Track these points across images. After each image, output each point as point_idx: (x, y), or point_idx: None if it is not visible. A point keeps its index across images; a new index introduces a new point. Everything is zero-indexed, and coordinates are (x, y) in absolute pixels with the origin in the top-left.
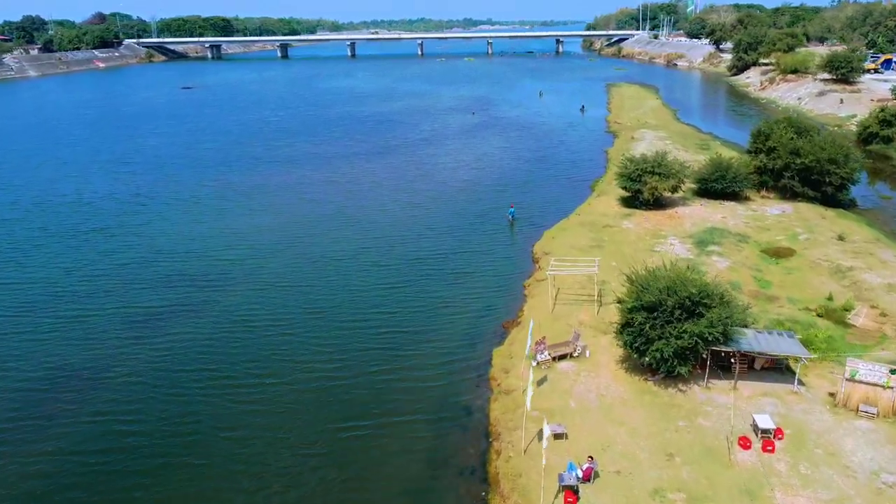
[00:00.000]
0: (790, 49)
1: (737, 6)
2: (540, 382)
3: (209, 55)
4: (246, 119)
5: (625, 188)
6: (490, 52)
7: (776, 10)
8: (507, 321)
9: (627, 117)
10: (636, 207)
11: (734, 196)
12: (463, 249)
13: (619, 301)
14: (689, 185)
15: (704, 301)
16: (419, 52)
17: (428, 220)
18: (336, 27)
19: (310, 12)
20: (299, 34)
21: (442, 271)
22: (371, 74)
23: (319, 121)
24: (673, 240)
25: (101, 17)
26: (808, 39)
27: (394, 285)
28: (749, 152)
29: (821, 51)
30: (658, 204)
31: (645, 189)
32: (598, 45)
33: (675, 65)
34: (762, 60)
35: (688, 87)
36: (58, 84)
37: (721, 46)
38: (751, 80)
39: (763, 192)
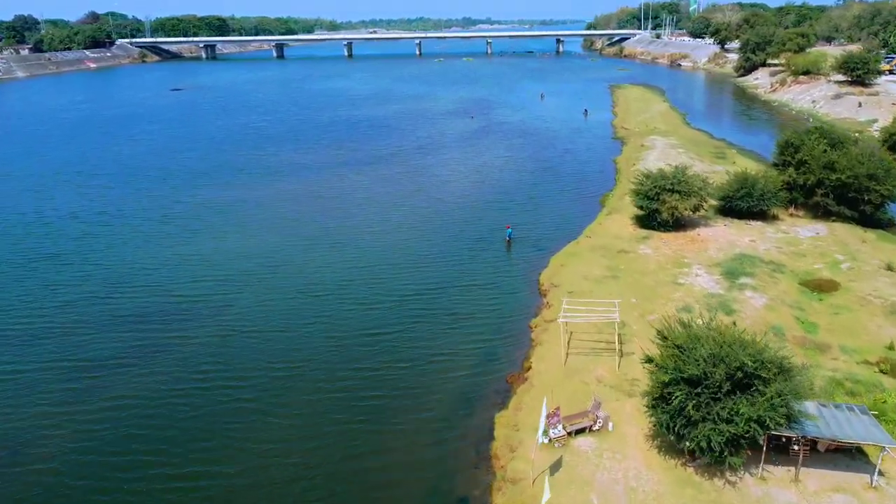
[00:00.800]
0: (801, 49)
1: (741, 5)
2: (553, 469)
3: (203, 55)
4: (232, 124)
5: (640, 207)
6: (489, 51)
7: (780, 9)
8: (512, 374)
9: (634, 122)
10: (653, 228)
11: (761, 215)
12: (460, 282)
13: (649, 360)
14: (710, 201)
15: (760, 373)
16: (417, 52)
17: (422, 244)
18: (334, 26)
19: (308, 11)
20: (296, 34)
21: (435, 312)
22: (367, 75)
23: (309, 126)
24: (698, 269)
25: (94, 17)
26: (816, 39)
27: (379, 331)
28: (775, 165)
29: (829, 50)
30: (677, 224)
31: (663, 209)
32: (599, 45)
33: (679, 65)
34: (770, 61)
35: (694, 88)
36: (45, 85)
37: (726, 46)
38: (759, 81)
39: (791, 210)
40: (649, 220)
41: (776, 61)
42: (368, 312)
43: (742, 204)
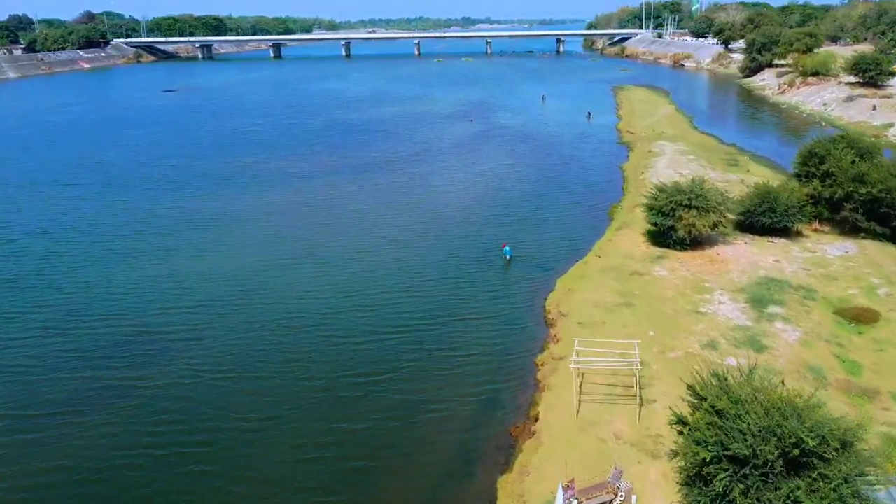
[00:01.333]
0: (809, 50)
1: (745, 4)
2: None
3: (199, 55)
4: (221, 128)
5: (654, 224)
6: (489, 51)
7: (784, 8)
8: (516, 426)
9: (640, 125)
10: (668, 247)
11: (784, 231)
12: (457, 311)
13: (680, 421)
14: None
15: (821, 451)
16: (416, 52)
17: (415, 266)
18: (333, 26)
19: (307, 11)
20: (294, 33)
21: (430, 350)
22: (365, 76)
23: (302, 131)
24: (721, 296)
25: (89, 17)
26: (823, 39)
27: (366, 375)
28: (797, 177)
29: (836, 50)
30: (695, 242)
31: (680, 226)
32: (599, 45)
33: (683, 65)
34: (777, 61)
35: (699, 90)
36: (35, 86)
37: (730, 46)
38: (766, 82)
39: (816, 226)
40: (664, 238)
41: (783, 62)
42: (354, 350)
43: (764, 220)
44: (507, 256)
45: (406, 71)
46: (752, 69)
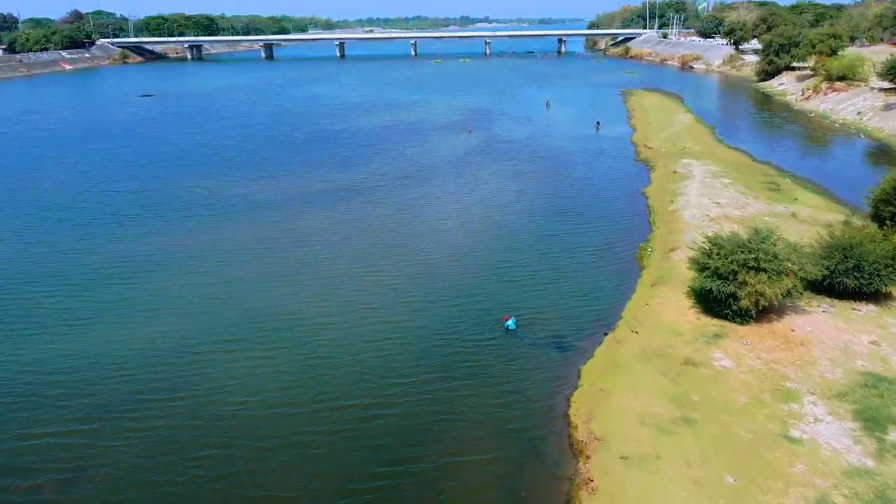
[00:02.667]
0: (833, 52)
1: (756, 3)
2: None
3: (188, 56)
4: (189, 142)
5: (707, 288)
6: (488, 52)
7: (794, 7)
8: None
9: (658, 138)
10: (725, 317)
11: (871, 295)
12: (447, 433)
13: None
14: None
15: None
16: (412, 53)
17: (391, 350)
18: (329, 25)
19: (304, 10)
20: (289, 33)
21: None
22: (357, 79)
23: (279, 145)
24: (814, 406)
25: (77, 16)
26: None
27: None
28: (878, 219)
29: (857, 52)
30: (758, 309)
31: (743, 294)
32: (602, 45)
33: (692, 67)
34: (795, 64)
35: (714, 95)
36: (6, 90)
37: (741, 47)
38: (786, 87)
39: None
40: (717, 305)
41: (802, 64)
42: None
43: (848, 281)
44: (510, 329)
45: (401, 73)
46: (768, 72)
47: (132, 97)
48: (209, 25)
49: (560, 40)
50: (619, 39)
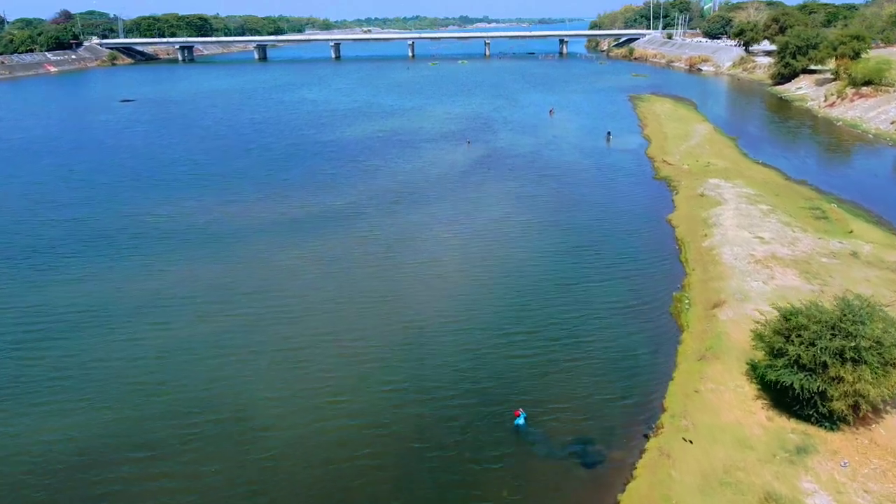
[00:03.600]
0: (856, 54)
1: (767, 3)
2: None
3: (179, 57)
4: (156, 157)
5: (782, 380)
6: (487, 53)
7: (803, 6)
8: None
9: (677, 152)
10: (806, 418)
11: None
12: None
13: None
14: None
15: None
16: (410, 54)
17: (365, 475)
18: (327, 25)
19: (301, 10)
20: (285, 33)
21: None
22: (351, 82)
23: (257, 160)
24: None
25: (67, 16)
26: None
27: None
28: None
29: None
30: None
31: (836, 393)
32: (605, 46)
33: (700, 70)
34: (813, 67)
35: (728, 100)
36: None
37: (751, 49)
38: (805, 91)
39: None
40: (796, 401)
41: (820, 67)
42: None
43: None
44: (520, 428)
45: (397, 76)
46: (784, 76)
47: (111, 103)
48: (202, 26)
49: (562, 41)
50: (622, 40)
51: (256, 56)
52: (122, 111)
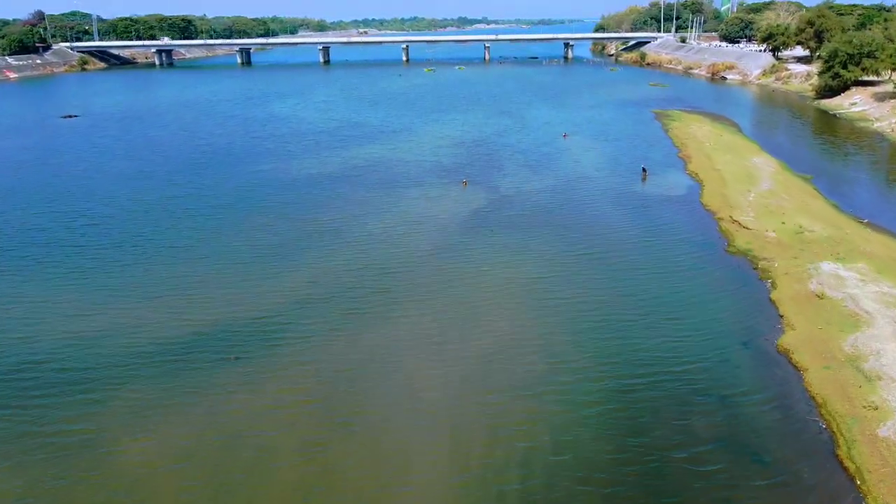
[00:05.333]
0: None
1: (796, 3)
2: None
3: (157, 62)
4: (48, 209)
5: None
6: (487, 57)
7: (829, 7)
8: None
9: (747, 204)
10: None
11: None
12: None
13: None
14: None
15: None
16: (404, 59)
17: None
18: (321, 27)
19: (296, 10)
20: (276, 35)
21: None
22: (335, 93)
23: (179, 214)
24: None
25: (40, 17)
26: None
27: None
28: None
29: None
30: None
31: None
32: (612, 50)
33: (724, 78)
34: (864, 78)
35: (772, 118)
36: None
37: (780, 55)
38: (864, 108)
39: None
40: None
41: (874, 78)
42: None
43: None
44: None
45: (387, 85)
46: (833, 88)
47: (51, 119)
48: (186, 28)
49: (566, 44)
50: (630, 44)
51: (239, 60)
52: (53, 131)
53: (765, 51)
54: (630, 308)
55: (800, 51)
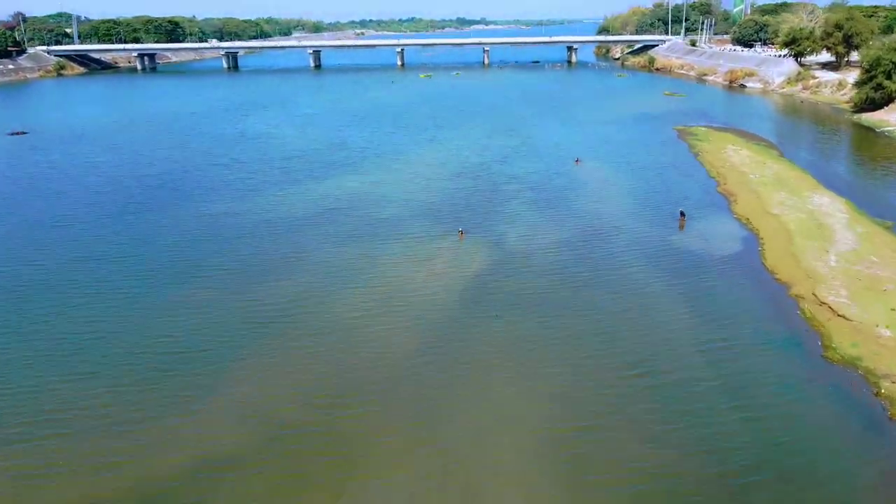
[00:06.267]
0: None
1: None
2: None
3: (138, 66)
4: None
5: None
6: (486, 61)
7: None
8: None
9: (826, 270)
10: None
11: None
12: None
13: None
14: None
15: None
16: (398, 63)
17: None
18: (317, 28)
19: (292, 11)
20: (269, 37)
21: None
22: (321, 103)
23: (105, 271)
24: None
25: (19, 19)
26: None
27: None
28: None
29: None
30: None
31: None
32: (617, 53)
33: (744, 86)
34: None
35: (811, 137)
36: None
37: (802, 61)
38: None
39: None
40: None
41: None
42: None
43: None
44: None
45: (378, 94)
46: (874, 101)
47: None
48: (173, 30)
49: (570, 48)
50: (636, 47)
51: (225, 65)
52: None
53: (786, 56)
54: (711, 487)
55: (824, 55)
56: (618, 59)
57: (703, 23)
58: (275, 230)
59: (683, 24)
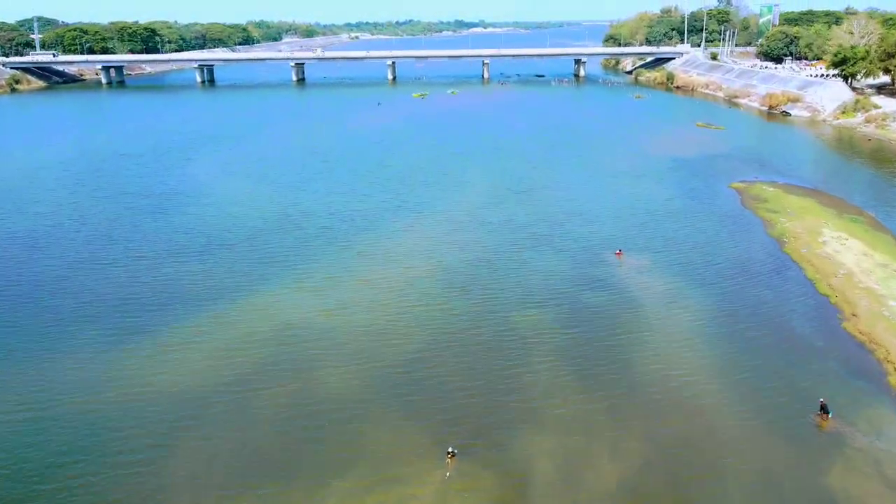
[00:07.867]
0: None
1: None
2: None
3: (104, 80)
4: None
5: None
6: (486, 76)
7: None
8: None
9: None
10: None
11: None
12: None
13: None
14: None
15: None
16: (389, 77)
17: None
18: (310, 32)
19: (287, 13)
20: (257, 42)
21: None
22: (292, 137)
23: None
24: None
25: None
26: None
27: None
28: None
29: None
30: None
31: None
32: (628, 66)
33: (787, 114)
34: None
35: None
36: None
37: (854, 84)
38: None
39: None
40: None
41: None
42: None
43: None
44: None
45: (362, 122)
46: None
47: None
48: (149, 38)
49: (577, 61)
50: (649, 60)
51: (199, 79)
52: None
53: (833, 77)
54: None
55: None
56: (629, 72)
57: (723, 33)
58: (126, 447)
59: (703, 34)
